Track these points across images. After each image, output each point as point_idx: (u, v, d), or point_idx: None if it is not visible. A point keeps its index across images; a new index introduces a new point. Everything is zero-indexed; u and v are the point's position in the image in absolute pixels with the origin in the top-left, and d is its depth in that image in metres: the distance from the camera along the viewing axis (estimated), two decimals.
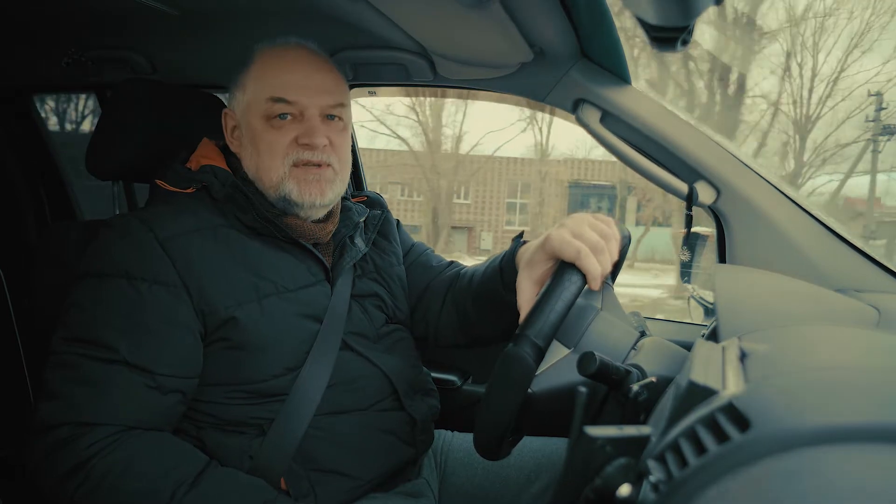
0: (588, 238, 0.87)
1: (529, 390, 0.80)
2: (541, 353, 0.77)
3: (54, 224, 1.69)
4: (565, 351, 0.85)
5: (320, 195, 1.01)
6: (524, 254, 0.98)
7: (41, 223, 1.81)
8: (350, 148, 1.09)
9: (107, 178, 1.27)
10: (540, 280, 0.90)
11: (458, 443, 1.22)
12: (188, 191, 1.01)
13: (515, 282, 0.94)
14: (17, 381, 1.44)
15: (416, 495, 1.07)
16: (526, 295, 0.91)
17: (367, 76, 1.34)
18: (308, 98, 1.00)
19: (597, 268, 0.86)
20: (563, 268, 0.87)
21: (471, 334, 1.20)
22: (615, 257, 0.91)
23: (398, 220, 1.32)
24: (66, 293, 0.93)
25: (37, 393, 1.44)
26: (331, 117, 1.03)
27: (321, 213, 1.06)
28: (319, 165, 1.01)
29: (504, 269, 1.06)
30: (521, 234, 1.08)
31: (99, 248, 0.94)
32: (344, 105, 1.05)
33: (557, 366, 0.84)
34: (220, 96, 1.32)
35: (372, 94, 1.49)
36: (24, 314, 1.47)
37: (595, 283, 0.87)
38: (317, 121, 1.01)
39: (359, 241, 1.14)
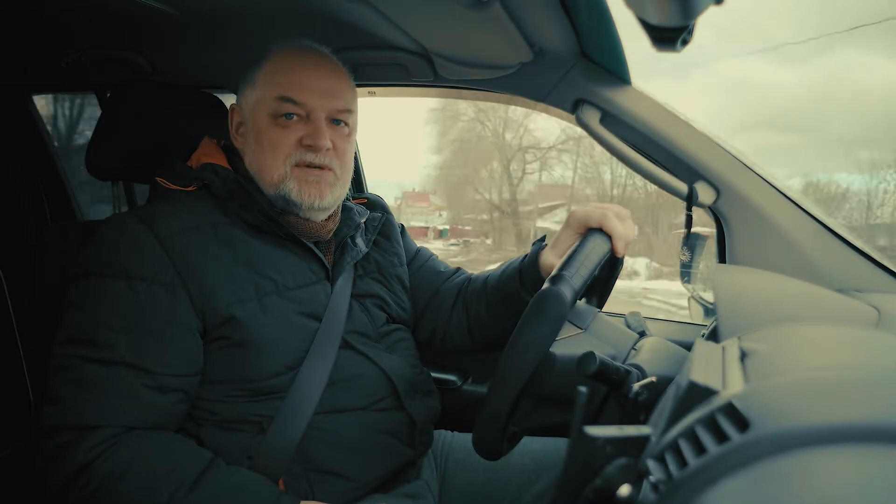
0: (610, 207, 0.94)
1: (552, 351, 0.78)
2: (574, 297, 0.75)
3: (54, 224, 1.69)
4: (577, 331, 0.85)
5: (319, 197, 1.01)
6: (545, 253, 1.04)
7: (41, 223, 1.81)
8: (353, 154, 1.10)
9: (107, 178, 1.27)
10: (565, 253, 0.91)
11: (458, 443, 1.22)
12: (189, 189, 1.01)
13: (535, 282, 0.95)
14: (17, 381, 1.44)
15: (415, 497, 1.07)
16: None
17: (367, 76, 1.34)
18: (316, 100, 1.00)
19: (621, 229, 0.92)
20: (590, 232, 0.92)
21: (480, 337, 1.22)
22: (634, 234, 0.96)
23: (402, 225, 1.32)
24: (66, 293, 0.93)
25: (36, 393, 1.44)
26: (337, 122, 1.04)
27: (321, 216, 1.06)
28: (321, 168, 1.01)
29: (524, 270, 1.09)
30: (542, 238, 1.11)
31: (97, 247, 0.94)
32: (351, 111, 1.05)
33: (573, 339, 0.83)
34: (220, 96, 1.32)
35: (372, 94, 1.49)
36: (24, 314, 1.46)
37: (620, 246, 0.93)
38: (322, 123, 1.01)
39: (359, 242, 1.14)
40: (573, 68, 1.15)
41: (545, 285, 0.75)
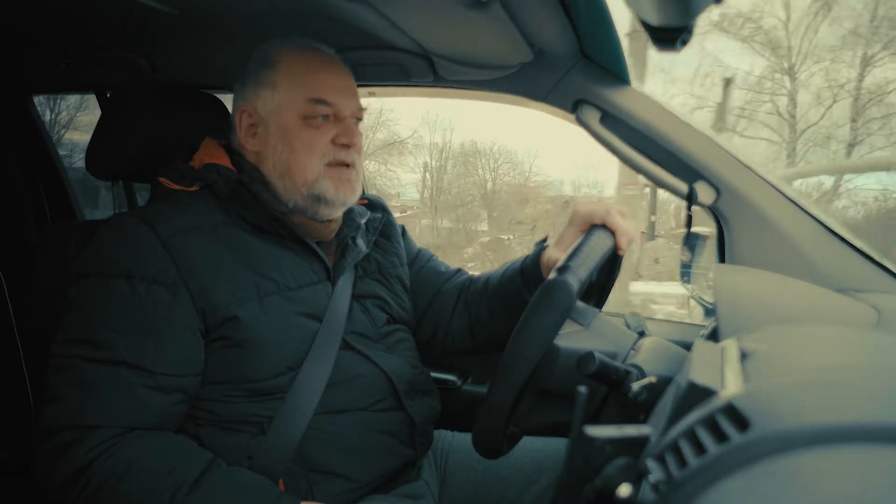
0: (613, 205, 0.95)
1: (556, 343, 0.77)
2: (580, 288, 0.76)
3: (54, 224, 1.69)
4: (579, 327, 0.85)
5: (352, 193, 1.05)
6: (548, 250, 1.05)
7: (41, 223, 1.81)
8: None
9: (107, 179, 1.28)
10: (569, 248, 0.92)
11: (458, 443, 1.22)
12: (191, 189, 1.02)
13: (536, 282, 0.96)
14: (17, 382, 1.44)
15: (415, 497, 1.07)
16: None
17: (366, 76, 1.34)
18: (344, 100, 1.03)
19: (625, 226, 0.93)
20: (594, 228, 0.93)
21: (482, 338, 1.22)
22: (634, 235, 0.96)
23: (403, 227, 1.32)
24: (66, 293, 0.93)
25: (36, 393, 1.44)
26: (356, 120, 1.06)
27: (339, 213, 1.09)
28: (349, 165, 1.04)
29: (525, 270, 1.10)
30: (545, 239, 1.11)
31: (98, 247, 0.94)
32: (363, 109, 1.09)
33: (575, 334, 0.83)
34: (220, 96, 1.32)
35: (372, 94, 1.49)
36: (24, 314, 1.47)
37: (624, 242, 0.94)
38: (351, 122, 1.04)
39: (360, 242, 1.14)
40: (573, 68, 1.15)
41: (551, 275, 0.75)
